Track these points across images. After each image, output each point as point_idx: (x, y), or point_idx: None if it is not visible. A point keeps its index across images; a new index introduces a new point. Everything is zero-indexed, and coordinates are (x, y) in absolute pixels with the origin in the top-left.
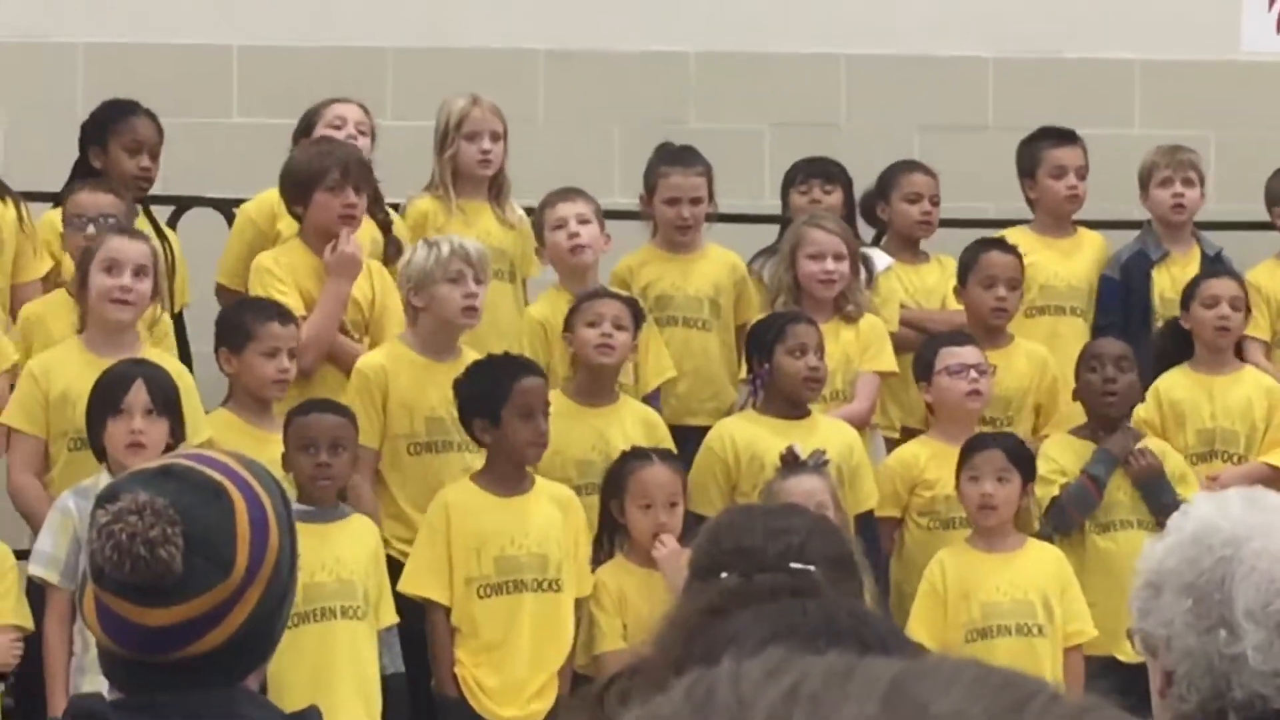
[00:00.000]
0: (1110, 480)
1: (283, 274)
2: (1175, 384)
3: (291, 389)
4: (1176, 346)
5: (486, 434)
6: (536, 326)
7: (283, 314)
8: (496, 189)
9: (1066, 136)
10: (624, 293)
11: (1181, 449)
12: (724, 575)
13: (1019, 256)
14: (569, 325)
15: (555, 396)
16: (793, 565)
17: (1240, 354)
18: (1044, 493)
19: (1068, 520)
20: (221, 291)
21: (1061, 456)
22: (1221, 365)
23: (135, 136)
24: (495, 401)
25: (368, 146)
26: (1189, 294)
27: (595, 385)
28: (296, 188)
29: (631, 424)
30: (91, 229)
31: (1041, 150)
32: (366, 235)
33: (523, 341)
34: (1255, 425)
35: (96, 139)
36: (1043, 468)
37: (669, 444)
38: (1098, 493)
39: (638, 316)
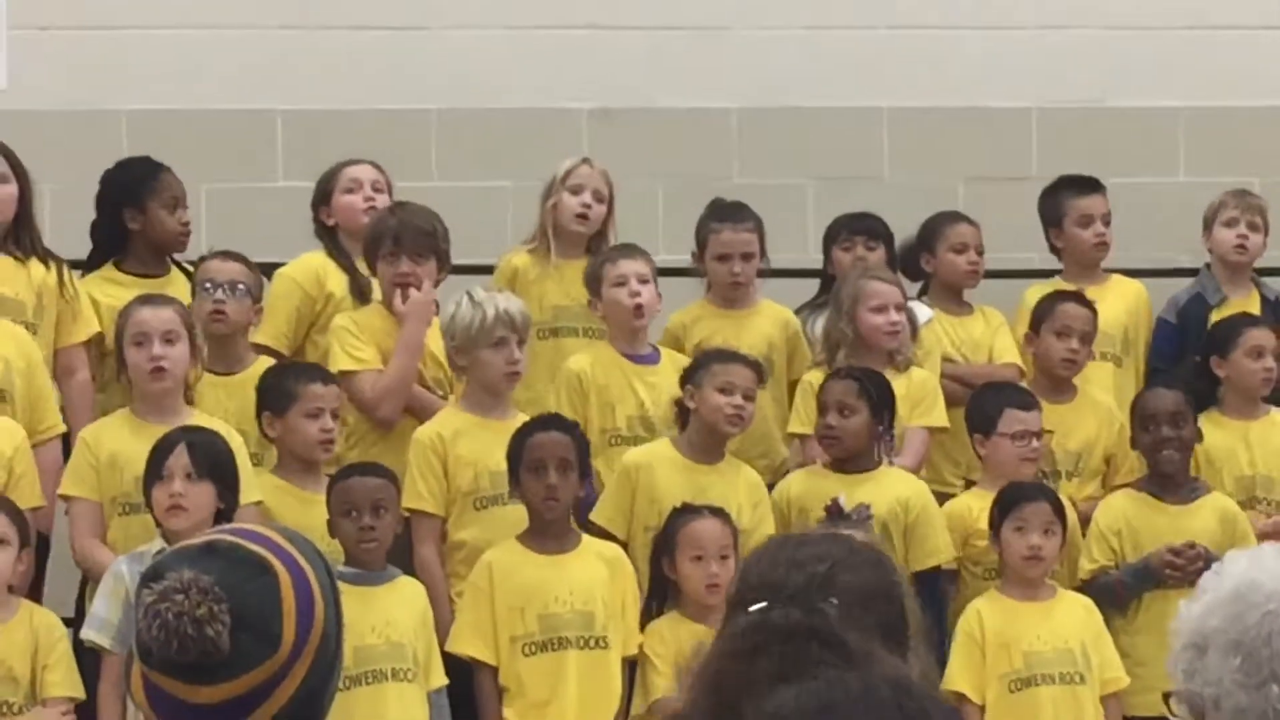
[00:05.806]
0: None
1: (360, 332)
2: (1208, 431)
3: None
4: (1207, 388)
5: (515, 493)
6: (574, 379)
7: (324, 375)
8: (595, 250)
9: (1090, 185)
10: (751, 355)
11: None
12: (750, 610)
13: (1094, 311)
14: (694, 379)
15: (665, 448)
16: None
17: None
18: (1085, 565)
19: None
20: (261, 352)
21: (1112, 522)
22: (1254, 410)
23: (172, 193)
24: (516, 460)
25: (385, 204)
26: (1226, 340)
27: (709, 443)
28: (368, 254)
29: (738, 484)
30: (220, 294)
31: (1066, 200)
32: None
33: (559, 394)
34: None
35: (131, 200)
36: (1092, 541)
37: (767, 508)
38: (1124, 598)
39: (762, 381)
